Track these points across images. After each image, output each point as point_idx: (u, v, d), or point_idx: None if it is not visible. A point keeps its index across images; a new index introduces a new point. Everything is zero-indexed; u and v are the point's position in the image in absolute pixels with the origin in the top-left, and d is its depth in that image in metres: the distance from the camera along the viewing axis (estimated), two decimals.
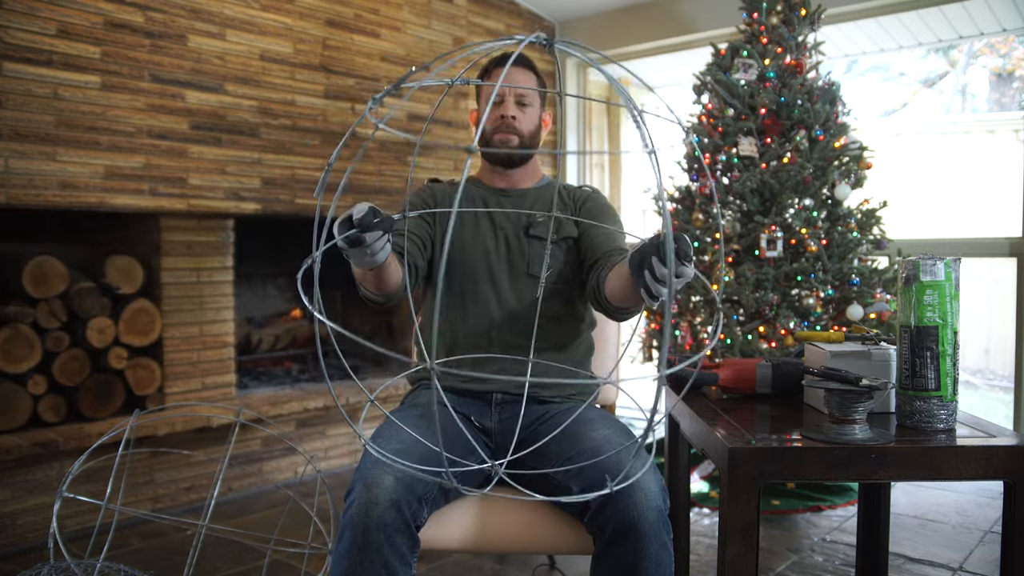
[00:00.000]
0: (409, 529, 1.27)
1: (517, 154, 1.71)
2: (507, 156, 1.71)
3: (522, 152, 1.65)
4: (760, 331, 3.02)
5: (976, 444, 1.19)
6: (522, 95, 1.70)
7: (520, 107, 1.70)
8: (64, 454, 2.52)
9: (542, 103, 1.77)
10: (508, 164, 1.73)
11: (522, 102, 1.70)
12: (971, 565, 2.32)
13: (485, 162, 1.78)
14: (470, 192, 1.76)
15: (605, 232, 1.65)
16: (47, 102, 2.50)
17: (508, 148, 1.69)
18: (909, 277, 1.26)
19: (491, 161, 1.75)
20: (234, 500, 2.95)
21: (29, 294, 2.54)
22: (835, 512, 2.78)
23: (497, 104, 1.70)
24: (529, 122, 1.71)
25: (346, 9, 3.31)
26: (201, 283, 2.92)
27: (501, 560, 2.34)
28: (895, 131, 6.38)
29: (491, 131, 1.71)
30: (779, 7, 3.23)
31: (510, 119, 1.68)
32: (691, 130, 3.40)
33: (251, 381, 3.36)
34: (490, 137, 1.71)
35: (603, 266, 1.55)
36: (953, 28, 3.64)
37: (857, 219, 3.13)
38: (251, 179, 3.00)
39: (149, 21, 2.72)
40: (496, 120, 1.70)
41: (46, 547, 2.41)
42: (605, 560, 1.29)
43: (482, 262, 1.66)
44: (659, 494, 1.29)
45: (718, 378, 1.53)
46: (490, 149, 1.60)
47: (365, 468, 1.31)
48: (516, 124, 1.68)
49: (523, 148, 1.69)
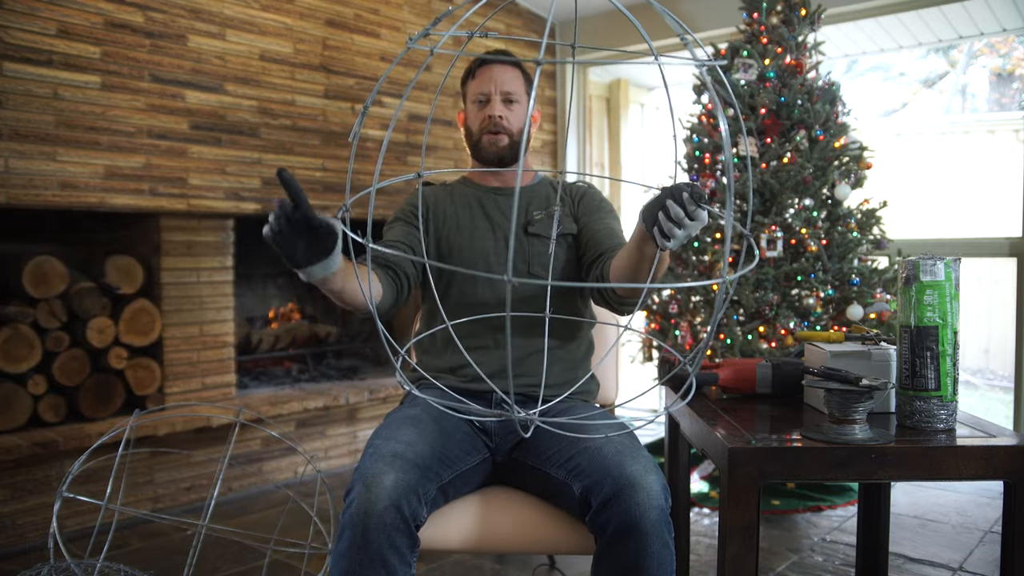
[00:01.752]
0: (409, 529, 1.27)
1: (508, 152, 1.69)
2: (498, 155, 1.69)
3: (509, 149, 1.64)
4: (760, 331, 3.02)
5: (976, 444, 1.19)
6: (509, 92, 1.68)
7: (507, 105, 1.68)
8: (64, 454, 2.52)
9: (529, 98, 1.74)
10: (500, 163, 1.71)
11: (509, 99, 1.68)
12: (971, 565, 2.32)
13: (476, 162, 1.76)
14: (463, 193, 1.75)
15: (606, 227, 1.64)
16: (47, 102, 2.50)
17: (497, 149, 1.68)
18: (909, 277, 1.26)
19: (482, 161, 1.73)
20: (234, 500, 2.95)
21: (29, 294, 2.54)
22: (835, 512, 2.78)
23: (483, 104, 1.69)
24: (517, 120, 1.69)
25: (346, 9, 3.31)
26: (201, 283, 2.92)
27: (501, 560, 2.34)
28: (895, 131, 6.38)
29: (478, 132, 1.69)
30: (779, 7, 3.23)
31: (497, 119, 1.66)
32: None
33: (251, 381, 3.36)
34: (478, 138, 1.70)
35: (607, 259, 1.54)
36: (953, 28, 3.64)
37: (857, 219, 3.13)
38: (251, 179, 3.00)
39: (149, 21, 2.72)
40: (483, 120, 1.68)
41: (46, 547, 2.41)
42: (606, 559, 1.29)
43: (481, 264, 1.65)
44: (661, 493, 1.29)
45: (718, 378, 1.53)
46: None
47: (365, 468, 1.31)
48: (504, 123, 1.67)
49: (513, 147, 1.68)
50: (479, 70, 1.72)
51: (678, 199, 1.10)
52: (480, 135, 1.69)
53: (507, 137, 1.68)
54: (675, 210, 1.10)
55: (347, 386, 3.40)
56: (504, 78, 1.69)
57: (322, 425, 3.28)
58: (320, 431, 3.28)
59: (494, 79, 1.68)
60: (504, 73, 1.69)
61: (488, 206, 1.71)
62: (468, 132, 1.74)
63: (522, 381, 1.59)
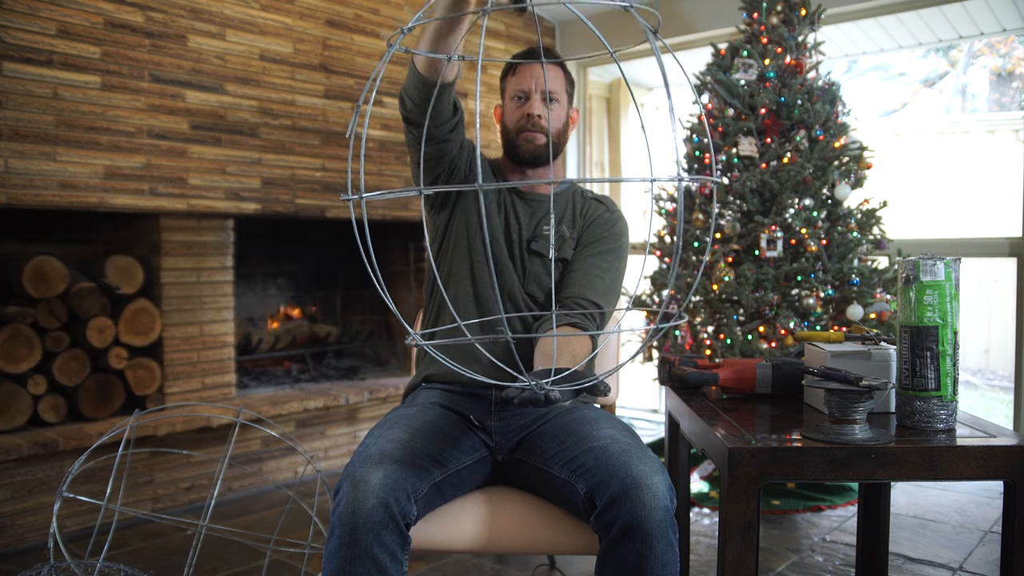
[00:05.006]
0: (398, 526, 1.26)
1: (544, 152, 1.63)
2: (534, 154, 1.63)
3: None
4: (760, 331, 3.02)
5: (976, 444, 1.19)
6: (550, 91, 1.61)
7: (547, 104, 1.62)
8: (64, 454, 2.52)
9: (570, 99, 1.69)
10: (535, 162, 1.65)
11: (550, 98, 1.62)
12: (971, 565, 2.32)
13: (506, 159, 1.71)
14: (492, 175, 1.71)
15: (586, 269, 1.59)
16: (47, 102, 2.50)
17: (534, 148, 1.61)
18: (909, 277, 1.26)
19: (516, 160, 1.67)
20: (234, 500, 2.95)
21: (29, 294, 2.54)
22: (835, 512, 2.78)
23: (522, 101, 1.63)
24: (557, 120, 1.64)
25: (346, 9, 3.31)
26: (201, 283, 2.92)
27: (501, 560, 2.34)
28: (895, 131, 6.38)
29: (515, 130, 1.64)
30: (779, 7, 3.23)
31: (536, 117, 1.61)
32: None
33: (251, 381, 3.36)
34: (514, 136, 1.64)
35: (561, 307, 1.51)
36: (953, 28, 3.64)
37: (857, 219, 3.13)
38: (251, 179, 3.00)
39: (149, 21, 2.72)
40: (521, 118, 1.62)
41: (46, 547, 2.41)
42: (611, 559, 1.29)
43: (480, 265, 1.64)
44: (667, 494, 1.28)
45: (718, 378, 1.53)
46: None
47: (353, 466, 1.30)
48: (542, 122, 1.61)
49: (549, 149, 1.61)
50: (520, 66, 1.66)
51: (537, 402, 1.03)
52: (517, 133, 1.64)
53: (544, 137, 1.62)
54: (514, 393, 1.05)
55: (347, 386, 3.40)
56: (545, 76, 1.64)
57: (322, 425, 3.28)
58: (320, 431, 3.28)
59: (535, 76, 1.63)
60: (546, 71, 1.64)
61: (506, 206, 1.67)
62: (504, 129, 1.68)
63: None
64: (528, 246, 1.64)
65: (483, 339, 0.90)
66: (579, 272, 1.60)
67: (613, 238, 1.66)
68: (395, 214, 3.49)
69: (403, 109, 1.52)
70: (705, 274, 3.19)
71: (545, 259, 1.63)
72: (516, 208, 1.68)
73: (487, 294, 1.63)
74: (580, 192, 1.74)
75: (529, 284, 1.63)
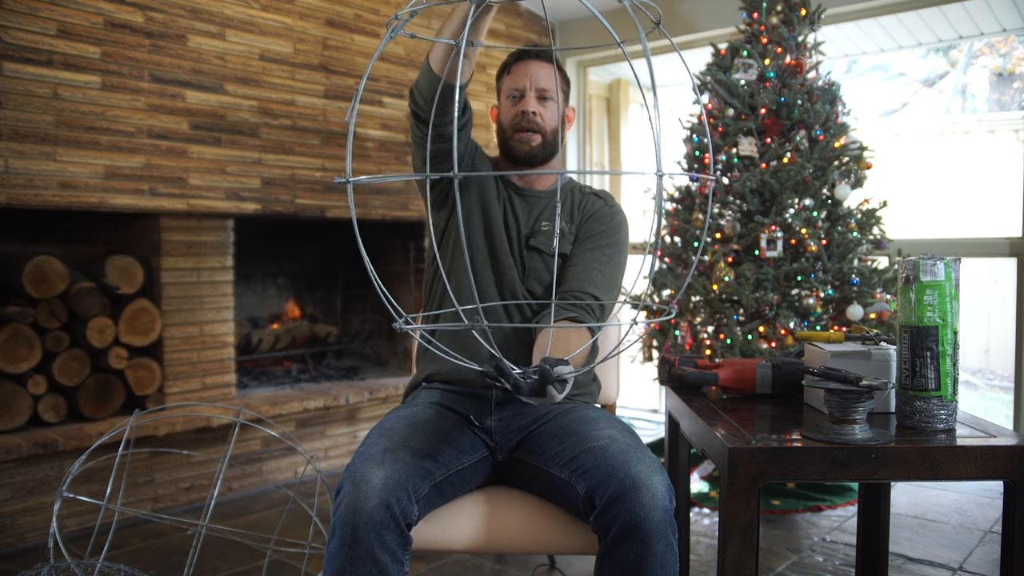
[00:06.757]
0: (399, 527, 1.26)
1: (539, 152, 1.63)
2: (529, 154, 1.63)
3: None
4: (760, 331, 3.02)
5: (976, 444, 1.19)
6: (544, 88, 1.61)
7: (542, 101, 1.62)
8: (64, 454, 2.52)
9: (566, 97, 1.69)
10: (530, 163, 1.65)
11: (544, 96, 1.62)
12: (971, 565, 2.32)
13: (503, 158, 1.70)
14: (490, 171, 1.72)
15: (584, 263, 1.58)
16: (47, 102, 2.50)
17: (529, 148, 1.61)
18: (909, 277, 1.26)
19: (512, 159, 1.67)
20: (234, 500, 2.95)
21: (29, 294, 2.54)
22: (835, 512, 2.78)
23: (517, 100, 1.63)
24: (552, 118, 1.63)
25: (346, 9, 3.31)
26: (201, 283, 2.92)
27: (501, 560, 2.34)
28: (895, 131, 6.38)
29: (510, 129, 1.63)
30: (779, 7, 3.23)
31: (531, 115, 1.60)
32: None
33: (251, 381, 3.36)
34: (510, 136, 1.64)
35: (561, 300, 1.50)
36: (953, 28, 3.64)
37: (857, 219, 3.13)
38: (251, 179, 3.00)
39: (149, 21, 2.72)
40: (516, 116, 1.62)
41: (46, 547, 2.41)
42: (610, 560, 1.29)
43: (479, 261, 1.65)
44: (666, 494, 1.28)
45: (718, 378, 1.53)
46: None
47: (354, 466, 1.30)
48: (537, 120, 1.61)
49: (545, 147, 1.61)
50: (515, 65, 1.65)
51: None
52: (512, 132, 1.63)
53: (540, 136, 1.62)
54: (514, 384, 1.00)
55: (347, 386, 3.40)
56: (540, 74, 1.62)
57: (322, 425, 3.28)
58: (320, 431, 3.28)
59: (530, 74, 1.62)
60: (540, 69, 1.63)
61: (504, 203, 1.67)
62: (500, 129, 1.68)
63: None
64: (527, 242, 1.64)
65: (465, 326, 0.87)
66: (578, 266, 1.59)
67: (612, 231, 1.66)
68: (395, 214, 3.49)
69: (413, 104, 1.52)
70: (705, 274, 3.19)
71: (544, 255, 1.62)
72: (514, 205, 1.67)
73: (487, 288, 1.63)
74: (578, 187, 1.74)
75: (529, 280, 1.63)
